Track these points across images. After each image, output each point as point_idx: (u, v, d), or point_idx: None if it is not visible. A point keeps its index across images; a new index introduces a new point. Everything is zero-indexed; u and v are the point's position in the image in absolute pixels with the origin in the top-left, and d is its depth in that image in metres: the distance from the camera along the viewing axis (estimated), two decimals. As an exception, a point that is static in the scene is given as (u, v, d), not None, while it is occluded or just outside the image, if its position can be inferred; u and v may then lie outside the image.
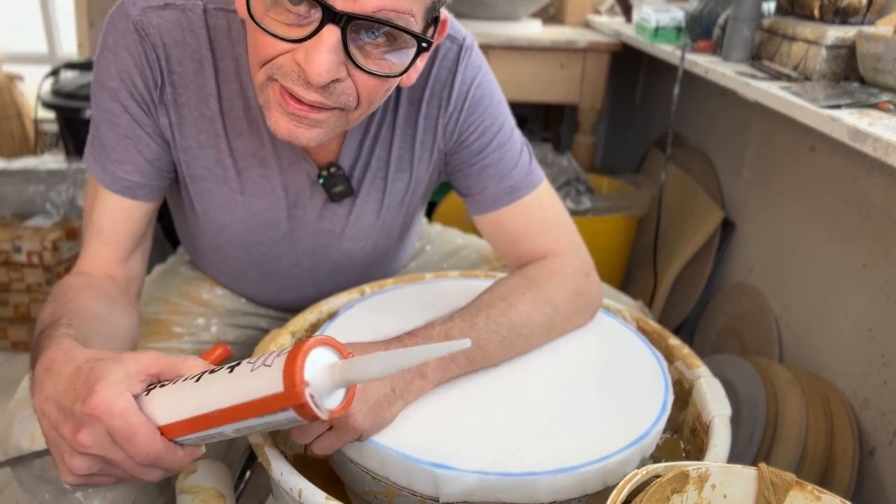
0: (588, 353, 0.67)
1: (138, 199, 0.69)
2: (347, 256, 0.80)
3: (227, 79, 0.67)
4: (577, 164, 1.79)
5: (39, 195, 1.68)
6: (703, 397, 0.65)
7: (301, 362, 0.42)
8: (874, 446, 1.01)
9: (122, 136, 0.67)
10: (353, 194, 0.74)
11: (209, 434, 0.46)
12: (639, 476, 0.47)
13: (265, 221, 0.74)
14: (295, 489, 0.52)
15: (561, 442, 0.55)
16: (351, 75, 0.55)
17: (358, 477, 0.56)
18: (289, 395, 0.42)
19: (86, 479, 0.47)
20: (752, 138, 1.39)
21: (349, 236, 0.78)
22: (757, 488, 0.50)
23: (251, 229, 0.75)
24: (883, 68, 0.92)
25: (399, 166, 0.75)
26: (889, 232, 1.01)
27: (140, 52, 0.64)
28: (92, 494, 0.67)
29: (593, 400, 0.61)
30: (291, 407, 0.42)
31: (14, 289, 1.63)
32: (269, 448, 0.57)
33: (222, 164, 0.70)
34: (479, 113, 0.72)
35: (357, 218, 0.76)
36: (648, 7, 1.55)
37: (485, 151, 0.73)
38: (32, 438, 0.65)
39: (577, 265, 0.72)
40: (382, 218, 0.78)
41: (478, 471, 0.50)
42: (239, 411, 0.44)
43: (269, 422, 0.44)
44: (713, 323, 1.46)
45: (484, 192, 0.74)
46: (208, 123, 0.68)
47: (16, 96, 2.53)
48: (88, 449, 0.45)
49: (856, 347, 1.07)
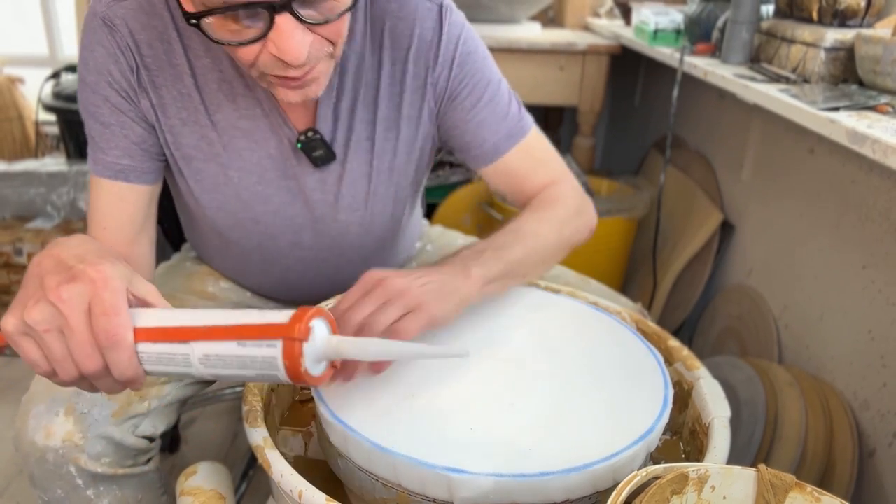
0: (589, 353, 0.67)
1: (130, 182, 0.71)
2: (345, 233, 0.81)
3: (197, 55, 0.69)
4: (576, 166, 1.79)
5: (40, 197, 1.69)
6: (702, 399, 0.65)
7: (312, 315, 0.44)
8: (874, 447, 1.01)
9: (106, 124, 0.69)
10: (335, 159, 0.75)
11: (174, 352, 0.45)
12: (638, 477, 0.47)
13: (257, 195, 0.75)
14: (295, 491, 0.52)
15: (570, 441, 0.55)
16: (316, 32, 0.59)
17: (367, 485, 0.56)
18: (290, 328, 0.42)
19: (22, 334, 0.46)
20: (751, 140, 1.40)
21: (344, 206, 0.78)
22: (756, 489, 0.50)
23: (245, 205, 0.76)
24: (881, 70, 0.92)
25: (386, 125, 0.76)
26: (888, 234, 1.01)
27: (112, 44, 0.67)
28: (103, 492, 0.69)
29: (597, 398, 0.61)
30: (284, 338, 0.42)
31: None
32: (269, 450, 0.57)
33: (207, 139, 0.72)
34: (468, 69, 0.75)
35: (349, 185, 0.77)
36: (647, 10, 1.55)
37: (478, 106, 0.76)
38: (48, 434, 0.65)
39: (573, 187, 0.81)
40: (374, 185, 0.78)
41: (492, 473, 0.51)
42: (220, 331, 0.43)
43: (245, 355, 0.43)
44: (713, 324, 1.46)
45: (484, 145, 0.78)
46: (187, 100, 0.70)
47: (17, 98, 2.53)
48: (61, 302, 0.44)
49: (855, 349, 1.07)
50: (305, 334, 0.43)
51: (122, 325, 0.45)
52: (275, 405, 0.70)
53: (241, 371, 0.45)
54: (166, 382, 0.74)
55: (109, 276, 0.46)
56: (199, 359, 0.45)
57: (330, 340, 0.45)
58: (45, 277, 0.46)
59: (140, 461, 0.72)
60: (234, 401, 1.44)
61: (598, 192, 1.83)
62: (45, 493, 0.68)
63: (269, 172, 0.75)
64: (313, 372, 0.45)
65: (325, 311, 0.46)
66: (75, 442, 0.66)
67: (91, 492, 0.68)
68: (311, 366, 0.45)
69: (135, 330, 0.45)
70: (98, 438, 0.67)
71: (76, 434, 0.66)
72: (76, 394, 0.67)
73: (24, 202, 1.69)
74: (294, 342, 0.43)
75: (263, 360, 0.43)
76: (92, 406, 0.67)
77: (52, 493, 0.68)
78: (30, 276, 0.48)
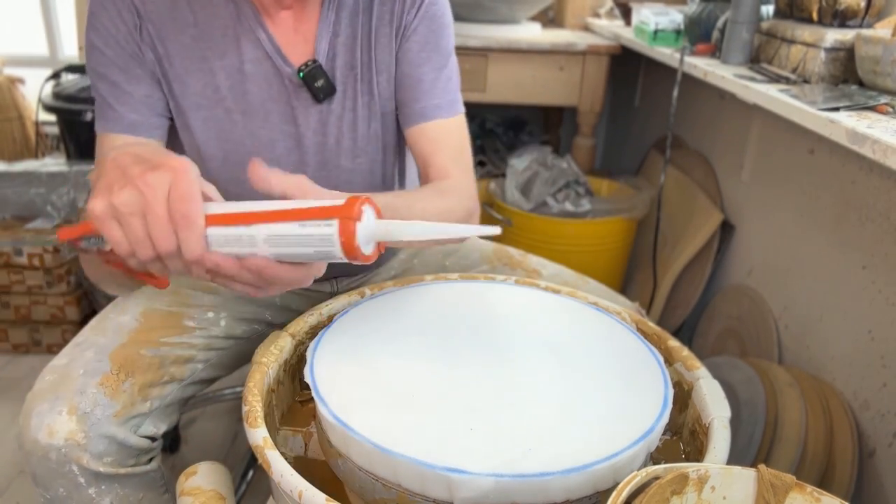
0: (589, 353, 0.68)
1: (138, 135, 0.75)
2: (349, 182, 0.82)
3: (202, 5, 0.73)
4: (576, 167, 1.79)
5: (40, 197, 1.69)
6: (702, 399, 0.65)
7: (363, 201, 0.49)
8: (874, 448, 1.01)
9: (113, 84, 0.74)
10: (335, 92, 0.77)
11: (241, 234, 0.50)
12: (638, 478, 0.47)
13: (261, 140, 0.78)
14: (295, 491, 0.52)
15: (570, 441, 0.55)
16: None
17: (367, 485, 0.56)
18: (345, 209, 0.48)
19: (109, 217, 0.49)
20: (751, 141, 1.40)
21: (345, 150, 0.80)
22: (756, 490, 0.50)
23: (249, 152, 0.77)
24: (881, 71, 0.92)
25: (381, 68, 0.79)
26: (888, 234, 1.01)
27: (112, 5, 0.72)
28: (105, 491, 0.69)
29: (597, 398, 0.61)
30: (340, 218, 0.48)
31: (15, 291, 1.63)
32: (269, 450, 0.57)
33: (213, 86, 0.75)
34: (427, 25, 0.79)
35: (349, 126, 0.79)
36: (647, 10, 1.55)
37: (424, 66, 0.80)
38: (51, 432, 0.66)
39: (470, 189, 0.82)
40: (373, 129, 0.81)
41: (492, 473, 0.51)
42: (283, 214, 0.49)
43: (306, 234, 0.49)
44: (712, 325, 1.47)
45: (414, 105, 0.81)
46: (192, 50, 0.74)
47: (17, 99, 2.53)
48: (146, 187, 0.48)
49: (855, 349, 1.07)
50: (359, 215, 0.49)
51: (196, 209, 0.49)
52: (275, 405, 0.70)
53: (301, 249, 0.50)
54: (168, 382, 0.74)
55: (188, 167, 0.49)
56: (263, 239, 0.50)
57: (379, 223, 0.50)
58: (127, 168, 0.49)
59: (142, 461, 0.72)
60: (234, 401, 1.44)
61: (598, 193, 1.83)
62: (47, 491, 0.69)
63: (273, 115, 0.77)
64: (364, 250, 0.50)
65: (372, 200, 0.51)
66: (78, 441, 0.66)
67: (93, 490, 0.68)
68: (363, 244, 0.50)
69: (205, 216, 0.50)
70: (100, 438, 0.67)
71: (79, 433, 0.66)
72: (79, 393, 0.68)
73: (24, 202, 1.69)
74: (349, 221, 0.48)
75: (322, 237, 0.49)
76: (94, 405, 0.68)
77: (55, 492, 0.68)
78: (110, 169, 0.50)
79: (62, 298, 1.64)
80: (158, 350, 0.75)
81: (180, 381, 0.76)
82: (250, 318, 0.86)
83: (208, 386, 0.83)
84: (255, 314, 0.87)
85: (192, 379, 0.78)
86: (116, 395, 0.69)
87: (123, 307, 0.78)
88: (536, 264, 0.94)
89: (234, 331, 0.84)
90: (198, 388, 0.79)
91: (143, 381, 0.72)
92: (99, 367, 0.70)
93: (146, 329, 0.75)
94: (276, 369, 0.70)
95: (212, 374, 0.81)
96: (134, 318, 0.76)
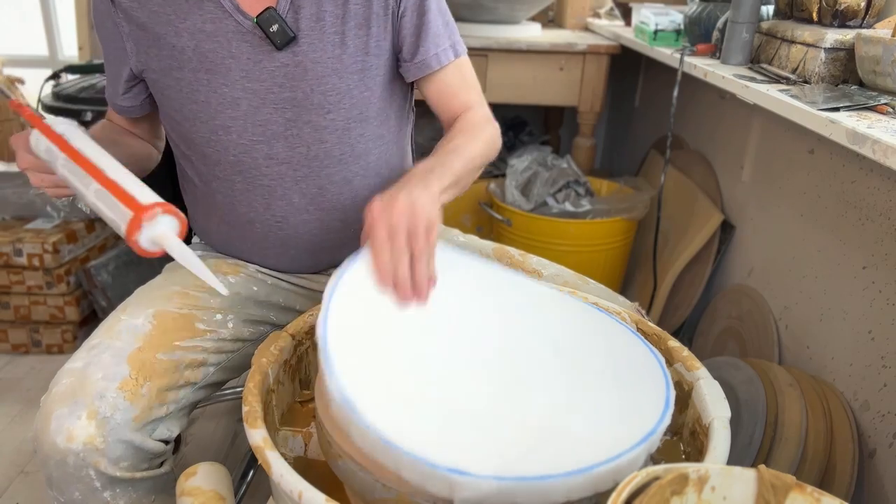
0: (591, 354, 0.67)
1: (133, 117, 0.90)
2: (320, 140, 0.82)
3: None
4: (576, 167, 1.79)
5: (40, 198, 1.69)
6: (702, 399, 0.65)
7: (164, 209, 0.64)
8: (874, 448, 1.01)
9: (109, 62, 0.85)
10: (295, 38, 0.78)
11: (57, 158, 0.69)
12: (638, 478, 0.47)
13: (225, 99, 0.79)
14: (295, 492, 0.52)
15: (572, 442, 0.55)
16: None
17: (367, 485, 0.56)
18: (144, 209, 0.63)
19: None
20: (751, 141, 1.40)
21: (314, 105, 0.80)
22: (757, 490, 0.50)
23: (215, 111, 0.79)
24: (881, 71, 0.92)
25: (357, 22, 0.80)
26: (888, 234, 1.01)
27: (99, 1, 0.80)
28: (119, 494, 0.69)
29: (598, 399, 0.61)
30: (134, 213, 0.63)
31: (14, 291, 1.63)
32: (269, 450, 0.57)
33: (178, 48, 0.78)
34: None
35: (316, 80, 0.79)
36: (647, 10, 1.55)
37: (428, 15, 0.83)
38: (70, 436, 0.66)
39: (489, 114, 0.89)
40: (346, 84, 0.80)
41: (493, 476, 0.50)
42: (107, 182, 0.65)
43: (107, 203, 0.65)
44: (713, 325, 1.47)
45: (427, 55, 0.84)
46: (159, 16, 0.78)
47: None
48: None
49: (855, 349, 1.07)
50: (151, 217, 0.63)
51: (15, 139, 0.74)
52: (275, 406, 0.70)
53: (105, 210, 0.65)
54: (183, 386, 0.75)
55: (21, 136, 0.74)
56: (62, 164, 0.68)
57: (165, 235, 0.64)
58: None
59: (154, 464, 0.73)
60: (234, 401, 1.44)
61: (599, 193, 1.83)
62: (62, 494, 0.69)
63: (233, 72, 0.78)
64: (143, 244, 0.64)
65: (180, 215, 0.64)
66: (96, 445, 0.66)
67: (108, 494, 0.69)
68: (144, 240, 0.63)
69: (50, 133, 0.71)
70: (118, 442, 0.67)
71: (97, 438, 0.66)
72: (99, 397, 0.68)
73: (23, 203, 1.69)
74: (135, 223, 0.62)
75: (122, 214, 0.63)
76: (114, 410, 0.68)
77: (70, 496, 0.68)
78: None
79: (62, 299, 1.64)
80: (173, 354, 0.75)
81: (194, 385, 0.77)
82: (256, 319, 0.87)
83: (218, 389, 0.83)
84: (261, 316, 0.88)
85: (204, 382, 0.78)
86: (136, 400, 0.69)
87: (134, 309, 0.78)
88: (536, 264, 0.94)
89: (242, 333, 0.84)
90: (209, 391, 0.80)
91: (160, 385, 0.72)
92: (118, 371, 0.70)
93: (160, 332, 0.75)
94: (276, 370, 0.70)
95: (222, 377, 0.82)
96: (147, 320, 0.76)
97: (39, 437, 0.67)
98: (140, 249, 0.63)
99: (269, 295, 0.89)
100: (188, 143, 0.84)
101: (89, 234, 1.72)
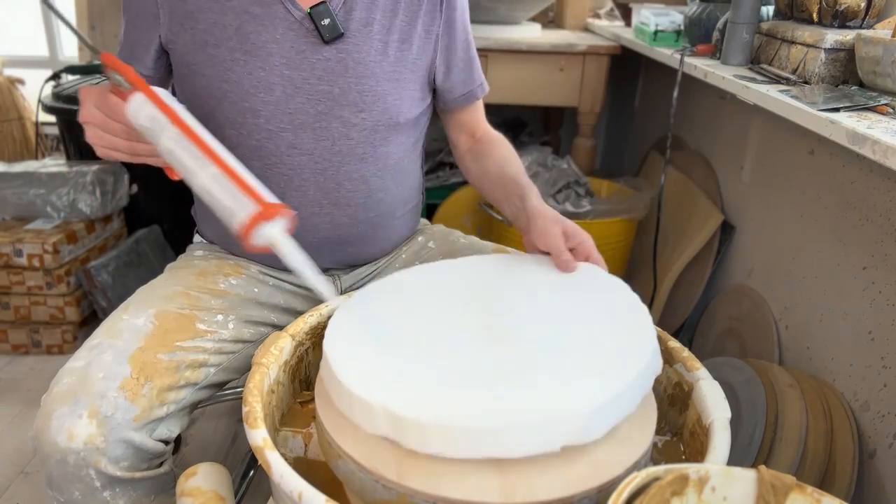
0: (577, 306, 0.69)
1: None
2: (346, 136, 0.83)
3: None
4: (576, 168, 1.79)
5: (40, 198, 1.69)
6: (702, 400, 0.65)
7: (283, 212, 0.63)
8: (874, 448, 1.01)
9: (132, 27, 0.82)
10: (342, 35, 0.80)
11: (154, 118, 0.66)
12: (639, 479, 0.47)
13: (260, 82, 0.79)
14: (295, 492, 0.52)
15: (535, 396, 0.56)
16: None
17: (367, 486, 0.56)
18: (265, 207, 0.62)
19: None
20: (751, 141, 1.40)
21: (349, 102, 0.82)
22: (757, 491, 0.50)
23: (246, 93, 0.80)
24: (881, 71, 0.92)
25: (400, 37, 0.84)
26: (888, 235, 1.01)
27: None
28: (119, 494, 0.69)
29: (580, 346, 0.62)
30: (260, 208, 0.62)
31: (15, 291, 1.63)
32: (269, 451, 0.57)
33: (220, 24, 0.78)
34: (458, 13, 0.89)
35: (354, 78, 0.81)
36: (647, 11, 1.55)
37: (471, 50, 0.92)
38: (70, 436, 0.66)
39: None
40: (382, 88, 0.83)
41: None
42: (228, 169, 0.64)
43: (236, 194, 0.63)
44: (713, 325, 1.47)
45: (474, 85, 0.94)
46: None
47: (17, 100, 2.53)
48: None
49: (855, 350, 1.07)
50: (272, 216, 0.62)
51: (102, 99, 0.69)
52: (275, 406, 0.70)
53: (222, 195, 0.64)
54: (184, 386, 0.75)
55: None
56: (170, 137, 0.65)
57: (278, 236, 0.63)
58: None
59: (154, 464, 0.73)
60: (234, 401, 1.44)
61: (599, 193, 1.83)
62: (61, 494, 0.69)
63: (274, 57, 0.79)
64: (254, 240, 0.63)
65: (294, 219, 0.64)
66: (97, 445, 0.66)
67: (108, 494, 0.69)
68: (257, 236, 0.62)
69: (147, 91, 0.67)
70: (119, 442, 0.68)
71: (98, 437, 0.66)
72: (100, 396, 0.68)
73: (23, 203, 1.69)
74: (259, 217, 0.61)
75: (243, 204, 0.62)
76: (115, 409, 0.68)
77: (70, 495, 0.68)
78: None
79: (62, 299, 1.65)
80: (174, 354, 0.75)
81: (195, 385, 0.77)
82: (256, 320, 0.87)
83: (219, 390, 0.83)
84: (261, 317, 0.87)
85: (205, 382, 0.78)
86: (137, 400, 0.69)
87: (136, 309, 0.78)
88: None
89: (242, 334, 0.84)
90: (210, 391, 0.80)
91: (161, 385, 0.72)
92: (119, 370, 0.70)
93: (161, 332, 0.75)
94: (276, 370, 0.70)
95: (223, 377, 0.82)
96: (148, 320, 0.76)
97: (40, 436, 0.67)
98: (247, 243, 0.62)
99: (270, 296, 0.89)
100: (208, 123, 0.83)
101: (89, 235, 1.72)
